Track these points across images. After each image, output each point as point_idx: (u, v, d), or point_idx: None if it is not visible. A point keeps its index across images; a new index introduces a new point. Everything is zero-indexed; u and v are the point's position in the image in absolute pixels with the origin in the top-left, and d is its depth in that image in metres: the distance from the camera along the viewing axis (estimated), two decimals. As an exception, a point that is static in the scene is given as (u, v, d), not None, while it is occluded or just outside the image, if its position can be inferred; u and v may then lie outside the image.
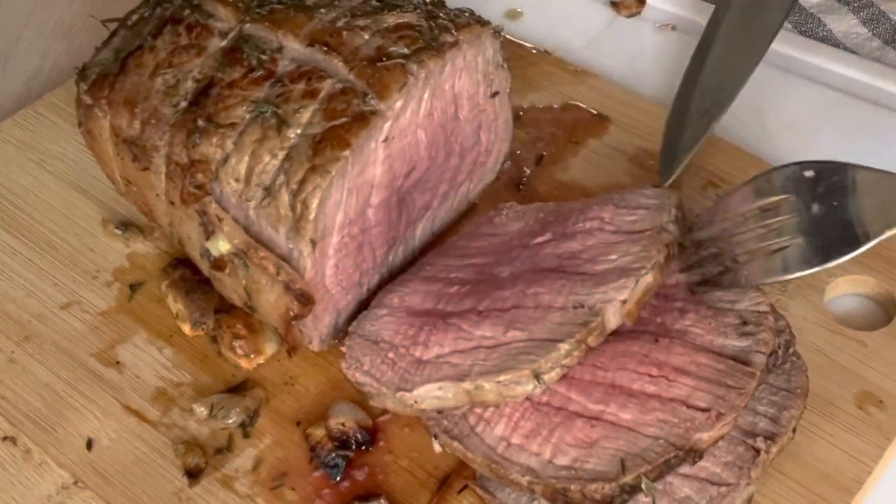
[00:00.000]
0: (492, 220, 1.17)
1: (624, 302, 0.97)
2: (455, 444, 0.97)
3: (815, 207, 1.02)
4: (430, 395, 0.98)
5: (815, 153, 1.27)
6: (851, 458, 1.02)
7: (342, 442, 1.05)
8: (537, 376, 0.94)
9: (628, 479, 0.92)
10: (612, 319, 0.97)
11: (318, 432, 1.06)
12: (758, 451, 0.97)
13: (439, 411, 0.99)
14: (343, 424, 1.05)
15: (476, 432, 0.98)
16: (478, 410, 0.99)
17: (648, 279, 0.99)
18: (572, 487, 0.92)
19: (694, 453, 0.93)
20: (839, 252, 1.00)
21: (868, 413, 1.05)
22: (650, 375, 0.98)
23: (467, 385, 0.96)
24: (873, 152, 1.28)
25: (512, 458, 0.95)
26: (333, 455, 1.04)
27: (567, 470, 0.94)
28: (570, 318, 0.97)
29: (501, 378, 0.95)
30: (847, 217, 1.01)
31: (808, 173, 1.04)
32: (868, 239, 1.00)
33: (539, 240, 1.08)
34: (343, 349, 1.05)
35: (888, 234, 0.99)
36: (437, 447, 1.00)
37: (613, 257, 1.02)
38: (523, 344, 0.97)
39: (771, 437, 0.98)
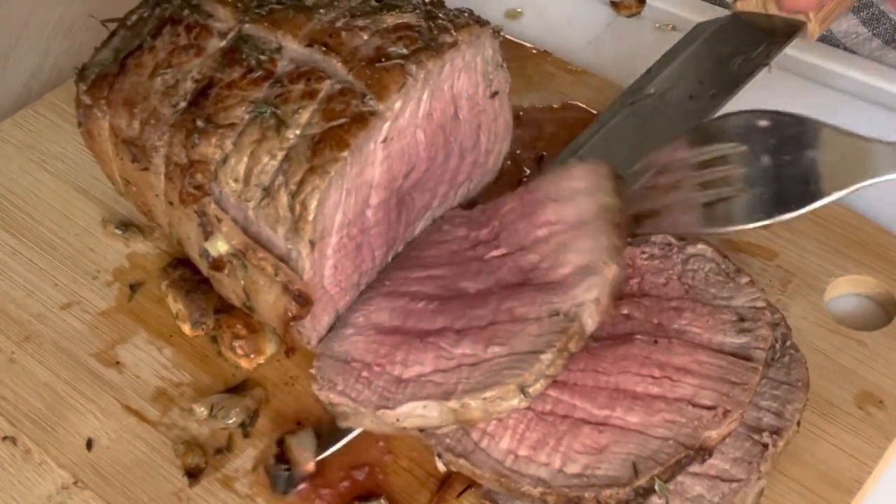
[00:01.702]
0: (440, 227, 1.16)
1: (597, 300, 0.97)
2: (461, 461, 0.97)
3: (766, 159, 0.96)
4: (413, 413, 0.96)
5: (815, 153, 1.28)
6: (851, 458, 1.02)
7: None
8: (523, 390, 0.93)
9: (642, 482, 0.91)
10: (590, 321, 0.96)
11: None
12: (765, 446, 0.97)
13: (421, 430, 0.97)
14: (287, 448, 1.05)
15: (481, 448, 0.97)
16: (480, 425, 0.99)
17: (614, 270, 0.98)
18: (586, 495, 0.92)
19: (704, 451, 0.93)
20: (785, 208, 0.95)
21: (868, 413, 1.05)
22: (653, 377, 0.98)
23: (453, 404, 0.95)
24: (873, 152, 1.29)
25: (521, 470, 0.95)
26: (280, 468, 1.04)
27: (579, 478, 0.93)
28: (547, 328, 0.96)
29: (487, 395, 0.94)
30: (798, 172, 0.96)
31: (763, 123, 0.99)
32: (817, 198, 0.94)
33: (495, 254, 1.07)
34: (312, 371, 1.03)
35: (839, 194, 0.93)
36: (440, 466, 0.99)
37: (571, 257, 1.01)
38: (505, 359, 0.96)
39: (776, 432, 0.98)
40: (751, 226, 0.96)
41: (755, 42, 1.23)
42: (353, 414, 0.99)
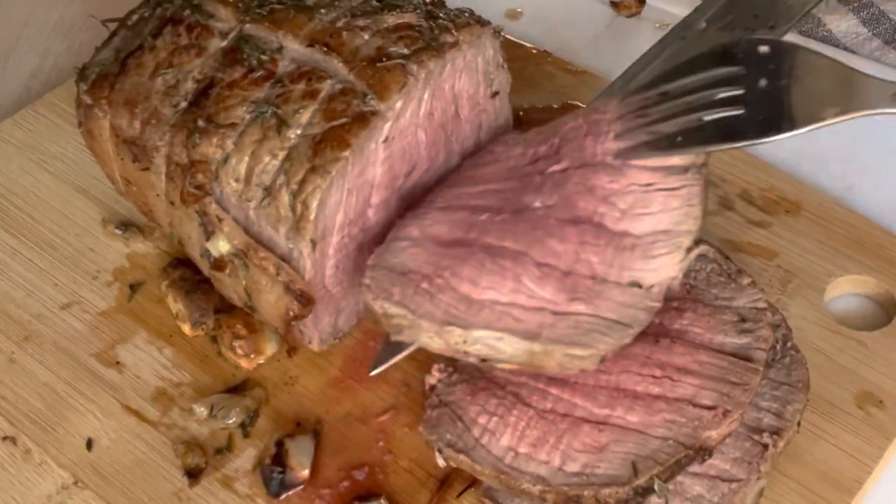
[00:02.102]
0: (492, 150, 1.13)
1: (671, 279, 0.98)
2: (461, 457, 0.97)
3: (763, 83, 0.99)
4: (486, 340, 0.94)
5: (815, 153, 1.28)
6: (851, 458, 1.02)
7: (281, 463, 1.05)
8: (602, 358, 0.94)
9: (641, 481, 0.92)
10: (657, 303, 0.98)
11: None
12: (765, 447, 0.97)
13: (483, 360, 0.95)
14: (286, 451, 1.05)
15: (482, 444, 0.97)
16: (481, 421, 0.98)
17: (694, 254, 0.99)
18: (585, 493, 0.92)
19: (703, 451, 0.94)
20: (778, 128, 0.97)
21: (868, 413, 1.05)
22: (654, 377, 0.98)
23: (536, 347, 0.93)
24: (873, 152, 1.29)
25: (521, 467, 0.95)
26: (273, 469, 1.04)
27: (578, 476, 0.93)
28: (630, 299, 0.97)
29: (576, 352, 0.93)
30: (792, 98, 0.99)
31: (763, 49, 1.01)
32: (808, 122, 0.97)
33: (556, 168, 1.05)
34: (365, 281, 0.99)
35: (832, 121, 0.96)
36: (440, 462, 0.99)
37: (653, 210, 1.00)
38: (591, 319, 0.96)
39: (777, 432, 0.98)
40: (742, 144, 0.99)
41: None
42: (410, 327, 0.96)
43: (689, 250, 0.99)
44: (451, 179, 1.11)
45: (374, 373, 1.05)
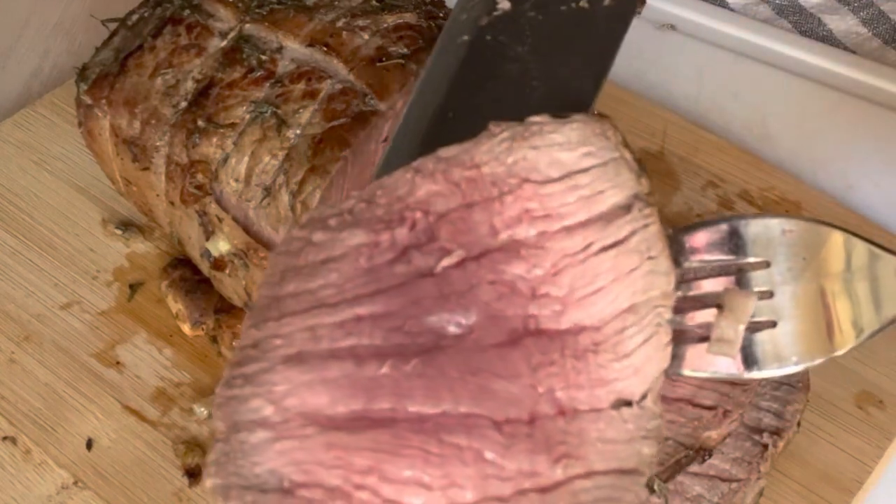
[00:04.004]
0: (308, 238, 0.70)
1: (665, 371, 0.72)
2: None
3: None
4: None
5: (816, 153, 1.28)
6: (851, 458, 1.02)
7: None
8: None
9: None
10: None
11: None
12: (765, 447, 0.97)
13: None
14: None
15: None
16: None
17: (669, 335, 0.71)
18: None
19: (703, 451, 0.94)
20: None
21: (868, 413, 1.05)
22: (653, 377, 0.98)
23: None
24: (873, 152, 1.29)
25: None
26: None
27: None
28: (622, 428, 0.69)
29: None
30: None
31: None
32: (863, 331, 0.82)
33: (447, 262, 0.68)
34: None
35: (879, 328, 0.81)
36: None
37: (603, 282, 0.70)
38: (590, 481, 0.66)
39: (777, 433, 0.98)
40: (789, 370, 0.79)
41: None
42: None
43: (671, 322, 0.70)
44: (264, 293, 0.68)
45: None
